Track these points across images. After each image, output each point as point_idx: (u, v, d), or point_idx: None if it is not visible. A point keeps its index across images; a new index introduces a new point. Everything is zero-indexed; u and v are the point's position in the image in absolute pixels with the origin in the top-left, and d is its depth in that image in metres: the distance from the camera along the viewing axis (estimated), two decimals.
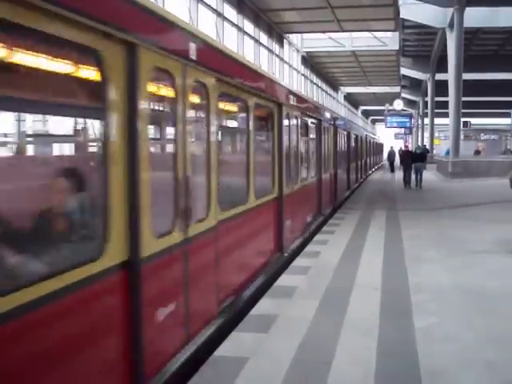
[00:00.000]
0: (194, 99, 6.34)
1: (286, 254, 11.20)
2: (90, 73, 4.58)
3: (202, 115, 6.68)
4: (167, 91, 5.69)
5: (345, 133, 24.66)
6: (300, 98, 13.52)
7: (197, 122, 6.58)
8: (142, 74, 4.74)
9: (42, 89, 4.94)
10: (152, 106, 5.33)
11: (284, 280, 9.56)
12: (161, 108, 5.96)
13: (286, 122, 11.37)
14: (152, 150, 5.41)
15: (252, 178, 8.74)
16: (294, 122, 12.41)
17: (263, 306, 8.06)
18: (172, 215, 5.58)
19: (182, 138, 5.80)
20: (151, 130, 5.39)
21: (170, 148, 5.87)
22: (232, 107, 8.87)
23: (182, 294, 5.74)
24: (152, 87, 5.19)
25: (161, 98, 5.79)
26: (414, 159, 31.04)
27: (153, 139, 5.75)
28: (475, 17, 36.71)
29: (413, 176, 30.49)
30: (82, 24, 3.90)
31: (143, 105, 4.81)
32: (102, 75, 4.30)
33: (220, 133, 7.50)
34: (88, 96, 4.98)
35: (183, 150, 5.80)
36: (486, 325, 7.28)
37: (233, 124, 9.62)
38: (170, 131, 5.87)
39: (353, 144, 28.22)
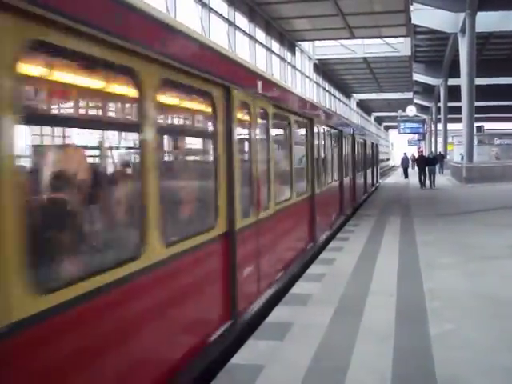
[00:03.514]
0: (260, 121, 8.62)
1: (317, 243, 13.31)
2: (207, 108, 6.71)
3: (264, 132, 9.03)
4: (246, 116, 8.02)
5: (361, 140, 25.89)
6: (326, 113, 15.86)
7: (261, 138, 8.79)
8: (233, 106, 7.05)
9: (189, 122, 7.53)
10: (239, 126, 7.53)
11: (299, 287, 9.56)
12: (243, 128, 7.99)
13: (316, 134, 13.42)
14: (238, 158, 7.37)
15: (294, 180, 11.00)
16: (321, 133, 14.48)
17: (278, 313, 8.07)
18: (250, 205, 7.90)
19: (254, 150, 8.20)
20: (239, 144, 7.47)
21: (246, 157, 8.11)
22: (280, 124, 10.73)
23: (256, 257, 8.09)
24: (238, 114, 7.42)
25: (243, 121, 7.95)
26: (428, 163, 35.35)
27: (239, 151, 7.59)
28: (487, 21, 36.55)
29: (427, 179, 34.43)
30: (206, 78, 6.20)
31: (235, 126, 7.12)
32: (213, 108, 6.60)
33: (274, 145, 9.69)
34: (207, 122, 7.15)
35: (255, 159, 8.23)
36: (502, 331, 7.23)
37: (280, 137, 11.13)
38: (247, 144, 8.21)
39: (369, 151, 29.28)
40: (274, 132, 9.53)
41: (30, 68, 3.72)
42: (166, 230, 5.19)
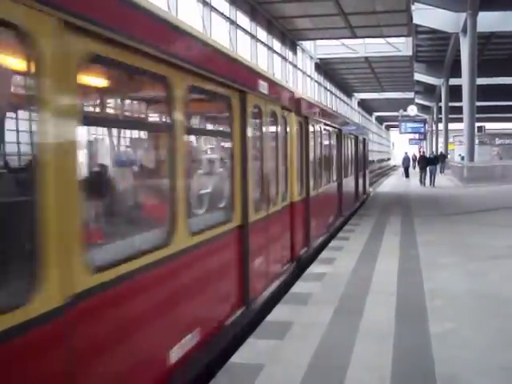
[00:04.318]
0: (270, 121, 9.39)
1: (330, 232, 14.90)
2: (226, 110, 7.42)
3: (275, 131, 9.85)
4: (258, 117, 8.70)
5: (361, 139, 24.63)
6: (332, 115, 16.45)
7: (272, 137, 9.66)
8: (248, 108, 7.78)
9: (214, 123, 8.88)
10: (253, 126, 8.18)
11: (299, 287, 9.57)
12: (256, 127, 8.59)
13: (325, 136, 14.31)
14: (251, 155, 8.02)
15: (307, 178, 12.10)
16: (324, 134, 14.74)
17: (278, 312, 8.09)
18: (261, 201, 8.64)
19: (263, 149, 8.85)
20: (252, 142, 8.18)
21: (257, 156, 8.60)
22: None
23: (267, 246, 8.96)
24: (252, 116, 8.10)
25: (256, 122, 8.55)
26: (428, 163, 36.51)
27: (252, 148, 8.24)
28: (488, 21, 36.48)
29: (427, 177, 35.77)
30: (227, 84, 7.02)
31: (249, 126, 7.85)
32: (230, 111, 7.37)
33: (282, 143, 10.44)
34: (225, 124, 7.70)
35: (265, 158, 8.89)
36: (502, 330, 7.25)
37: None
38: (259, 142, 8.82)
39: (350, 148, 26.03)
40: (282, 131, 10.36)
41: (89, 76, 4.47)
42: (192, 221, 5.96)
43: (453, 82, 52.17)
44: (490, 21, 36.81)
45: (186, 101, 5.72)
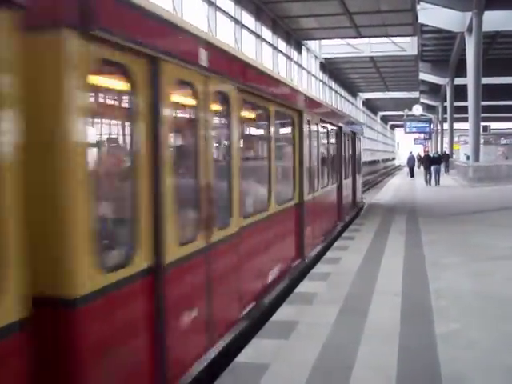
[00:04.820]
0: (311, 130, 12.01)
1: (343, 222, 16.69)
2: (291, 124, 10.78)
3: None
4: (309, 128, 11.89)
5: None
6: (336, 114, 17.22)
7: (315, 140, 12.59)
8: (303, 122, 11.02)
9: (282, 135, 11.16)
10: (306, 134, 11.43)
11: (304, 286, 9.57)
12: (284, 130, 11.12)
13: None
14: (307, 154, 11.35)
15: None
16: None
17: (284, 312, 8.08)
18: (310, 185, 11.56)
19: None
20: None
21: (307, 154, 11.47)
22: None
23: (315, 220, 12.12)
24: (306, 128, 11.56)
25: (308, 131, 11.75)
26: (432, 162, 36.86)
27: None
28: (494, 20, 36.41)
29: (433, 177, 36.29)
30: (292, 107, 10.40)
31: (304, 134, 11.23)
32: (293, 124, 10.67)
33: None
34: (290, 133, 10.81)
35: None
36: (507, 331, 7.24)
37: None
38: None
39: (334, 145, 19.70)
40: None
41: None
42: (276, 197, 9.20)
43: (458, 81, 52.12)
44: (496, 20, 36.75)
45: (274, 120, 9.22)
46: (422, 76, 56.82)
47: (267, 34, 30.92)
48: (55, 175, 3.81)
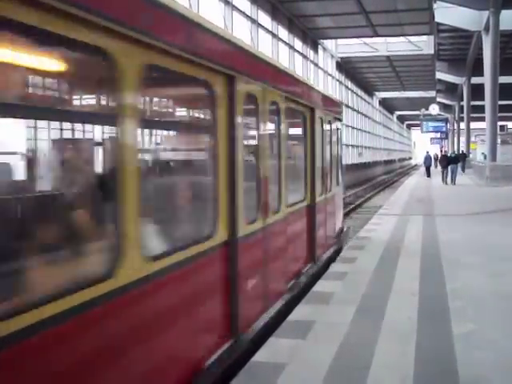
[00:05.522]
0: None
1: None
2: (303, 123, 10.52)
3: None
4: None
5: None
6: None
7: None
8: (315, 119, 10.63)
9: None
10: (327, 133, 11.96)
11: (321, 286, 9.55)
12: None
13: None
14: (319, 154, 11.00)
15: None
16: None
17: (300, 312, 8.07)
18: (322, 188, 11.25)
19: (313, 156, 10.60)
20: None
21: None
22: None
23: (326, 222, 11.75)
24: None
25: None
26: (449, 162, 37.27)
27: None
28: (511, 19, 36.21)
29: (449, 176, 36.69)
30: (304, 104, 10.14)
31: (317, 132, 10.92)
32: (305, 122, 10.33)
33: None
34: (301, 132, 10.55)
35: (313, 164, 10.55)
36: None
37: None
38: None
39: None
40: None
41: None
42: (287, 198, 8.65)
43: (475, 80, 51.79)
44: None
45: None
46: (439, 75, 56.58)
47: (283, 33, 30.94)
48: None
